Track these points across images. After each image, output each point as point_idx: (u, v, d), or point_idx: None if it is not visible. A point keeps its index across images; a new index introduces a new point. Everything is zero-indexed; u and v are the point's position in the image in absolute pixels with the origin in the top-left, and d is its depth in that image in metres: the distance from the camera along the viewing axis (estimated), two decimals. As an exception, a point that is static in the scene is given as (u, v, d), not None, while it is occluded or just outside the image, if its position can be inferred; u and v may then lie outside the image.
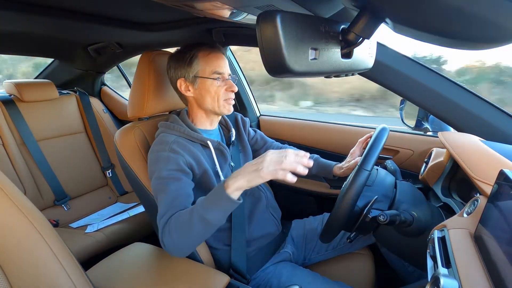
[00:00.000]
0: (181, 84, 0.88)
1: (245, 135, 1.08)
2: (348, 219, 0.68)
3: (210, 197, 0.70)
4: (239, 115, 1.11)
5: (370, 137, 0.93)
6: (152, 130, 0.97)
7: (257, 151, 1.14)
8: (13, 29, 1.16)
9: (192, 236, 0.71)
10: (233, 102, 0.91)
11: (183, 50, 0.88)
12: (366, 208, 0.69)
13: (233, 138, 1.00)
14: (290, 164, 0.63)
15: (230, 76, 0.90)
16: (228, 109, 0.90)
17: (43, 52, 1.68)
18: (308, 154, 0.68)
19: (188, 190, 0.79)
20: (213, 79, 0.86)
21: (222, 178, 0.90)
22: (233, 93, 0.90)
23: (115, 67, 1.93)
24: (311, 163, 0.66)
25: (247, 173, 0.67)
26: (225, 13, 0.70)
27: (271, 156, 0.66)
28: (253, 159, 1.08)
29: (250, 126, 1.16)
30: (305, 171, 0.65)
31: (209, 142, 0.88)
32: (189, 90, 0.89)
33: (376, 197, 0.71)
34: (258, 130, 1.17)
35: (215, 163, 0.89)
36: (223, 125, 1.05)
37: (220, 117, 0.98)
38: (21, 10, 0.89)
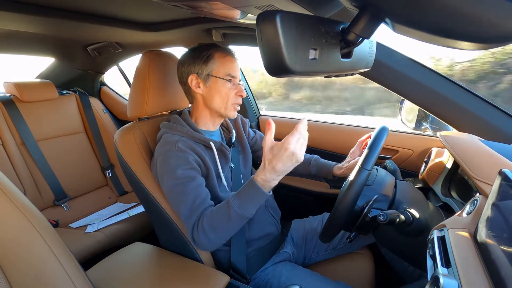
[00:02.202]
0: (192, 79, 0.89)
1: (245, 136, 1.08)
2: (348, 218, 0.68)
3: (246, 195, 0.75)
4: (239, 116, 1.11)
5: (370, 137, 0.93)
6: (152, 130, 0.97)
7: (257, 152, 1.14)
8: (13, 29, 1.15)
9: (230, 232, 0.78)
10: (238, 108, 0.92)
11: (200, 48, 0.89)
12: (366, 208, 0.69)
13: (233, 140, 1.00)
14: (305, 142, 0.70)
15: (240, 82, 0.91)
16: (233, 114, 0.91)
17: (43, 52, 1.68)
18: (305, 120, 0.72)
19: (205, 188, 0.82)
20: (226, 80, 0.87)
21: (223, 179, 0.90)
22: (241, 99, 0.91)
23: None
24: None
25: (284, 172, 0.71)
26: (225, 13, 0.70)
27: (294, 145, 0.69)
28: (252, 160, 1.08)
29: (250, 127, 1.16)
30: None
31: (211, 143, 0.88)
32: (199, 87, 0.89)
33: (376, 196, 0.71)
34: (257, 131, 1.17)
35: (217, 164, 0.89)
36: (223, 126, 1.05)
37: (222, 119, 0.98)
38: (21, 10, 0.89)
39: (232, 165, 0.97)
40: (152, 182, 0.88)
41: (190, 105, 0.98)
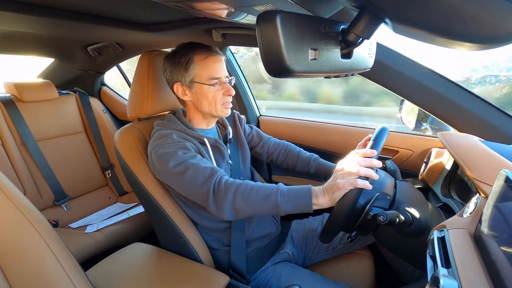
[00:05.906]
0: (177, 88, 0.88)
1: (242, 132, 1.08)
2: (348, 219, 0.68)
3: (296, 198, 0.72)
4: (236, 113, 1.11)
5: (369, 139, 0.93)
6: (152, 130, 0.97)
7: (254, 148, 1.13)
8: (13, 29, 1.15)
9: (253, 210, 0.76)
10: (230, 105, 0.91)
11: (179, 52, 0.86)
12: (368, 205, 0.69)
13: (230, 136, 1.00)
14: (364, 171, 0.66)
15: (227, 79, 0.89)
16: (226, 112, 0.90)
17: (43, 52, 1.68)
18: (375, 152, 0.69)
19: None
20: (210, 85, 0.85)
21: None
22: (231, 97, 0.90)
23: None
24: (380, 164, 0.69)
25: (329, 193, 0.70)
26: (225, 13, 0.70)
27: (341, 168, 0.69)
28: (251, 157, 1.08)
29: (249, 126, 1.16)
30: (377, 176, 0.68)
31: (205, 139, 0.88)
32: (186, 95, 0.88)
33: (377, 194, 0.70)
34: (254, 127, 1.16)
35: (212, 161, 0.89)
36: (219, 123, 1.05)
37: (216, 119, 0.98)
38: (21, 10, 0.89)
39: (230, 161, 0.97)
40: (151, 182, 0.88)
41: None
